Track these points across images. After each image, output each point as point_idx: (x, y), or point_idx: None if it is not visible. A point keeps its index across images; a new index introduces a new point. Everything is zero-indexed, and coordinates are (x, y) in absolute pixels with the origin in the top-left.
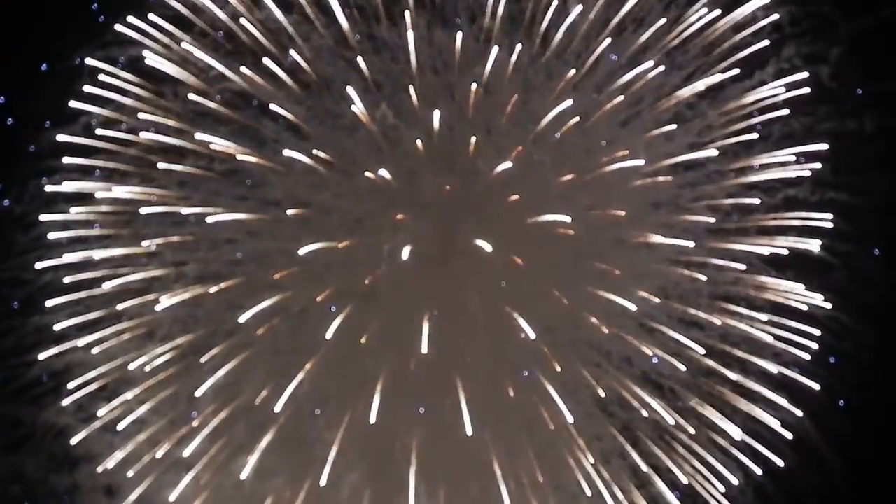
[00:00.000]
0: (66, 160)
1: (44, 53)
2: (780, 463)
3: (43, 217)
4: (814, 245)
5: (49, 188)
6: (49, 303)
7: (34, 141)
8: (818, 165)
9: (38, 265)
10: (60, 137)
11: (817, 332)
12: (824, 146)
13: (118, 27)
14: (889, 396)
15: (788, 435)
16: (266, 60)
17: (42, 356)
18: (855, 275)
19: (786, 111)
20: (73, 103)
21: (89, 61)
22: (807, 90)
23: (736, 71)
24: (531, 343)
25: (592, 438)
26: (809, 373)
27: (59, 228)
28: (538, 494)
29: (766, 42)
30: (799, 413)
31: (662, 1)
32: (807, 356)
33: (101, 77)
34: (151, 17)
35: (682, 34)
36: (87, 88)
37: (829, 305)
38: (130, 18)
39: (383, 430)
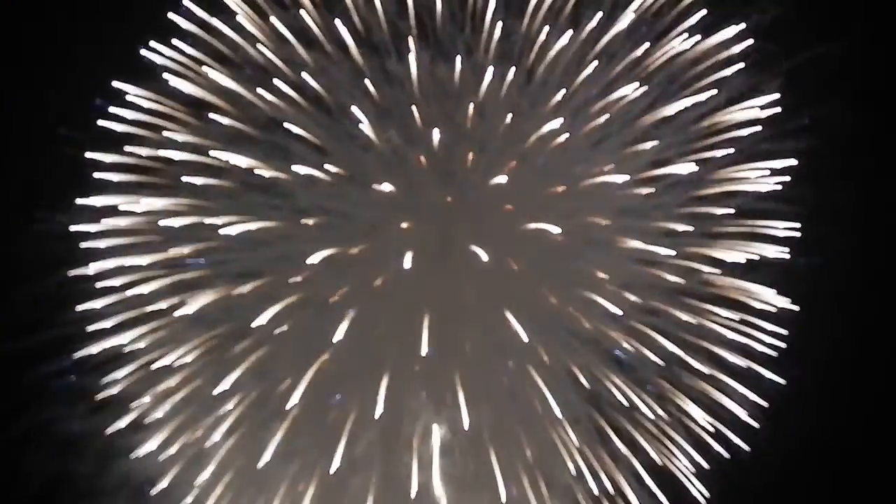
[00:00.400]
0: (120, 178)
1: (98, 86)
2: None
3: (98, 228)
4: (767, 251)
5: (102, 203)
6: (104, 300)
7: (94, 166)
8: (770, 179)
9: (95, 268)
10: (116, 159)
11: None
12: (788, 162)
13: (167, 63)
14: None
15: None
16: (292, 90)
17: (111, 342)
18: (790, 277)
19: (738, 133)
20: (123, 128)
21: (140, 92)
22: (756, 115)
23: (694, 98)
24: (521, 337)
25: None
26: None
27: (116, 236)
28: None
29: (719, 74)
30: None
31: (630, 39)
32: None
33: (152, 106)
34: (196, 54)
35: (648, 68)
36: (138, 116)
37: (796, 308)
38: (176, 55)
39: (390, 411)
